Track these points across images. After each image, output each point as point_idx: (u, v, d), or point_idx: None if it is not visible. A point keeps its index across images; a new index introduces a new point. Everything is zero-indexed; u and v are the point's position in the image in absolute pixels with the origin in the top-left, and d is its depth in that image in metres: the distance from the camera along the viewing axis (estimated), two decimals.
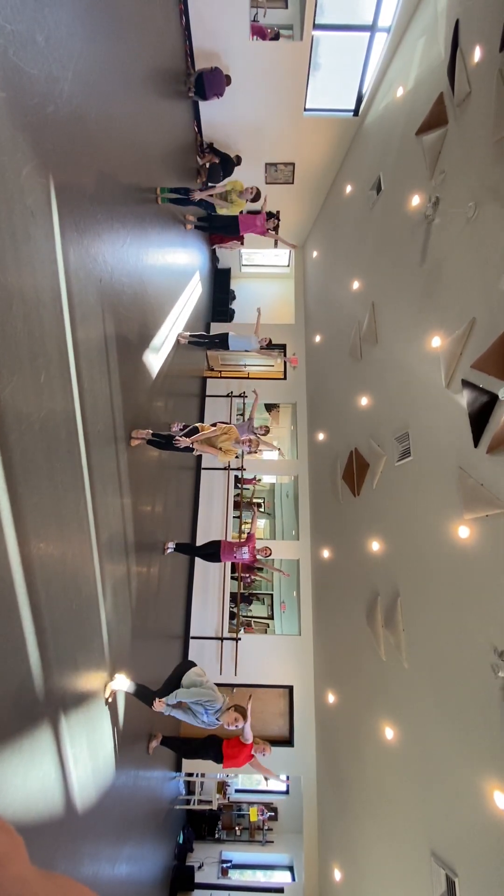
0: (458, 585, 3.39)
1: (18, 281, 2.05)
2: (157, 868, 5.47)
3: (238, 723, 3.65)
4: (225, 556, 5.50)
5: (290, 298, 10.83)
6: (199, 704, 3.66)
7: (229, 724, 3.63)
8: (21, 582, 2.12)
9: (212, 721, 3.67)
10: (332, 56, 7.04)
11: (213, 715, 3.65)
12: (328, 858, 5.85)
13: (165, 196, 5.11)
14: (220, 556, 5.53)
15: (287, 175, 8.30)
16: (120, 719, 3.73)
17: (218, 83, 6.41)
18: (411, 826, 3.75)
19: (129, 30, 3.69)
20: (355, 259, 6.58)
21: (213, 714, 3.64)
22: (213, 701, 3.67)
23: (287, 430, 11.64)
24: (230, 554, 5.47)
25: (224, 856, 8.17)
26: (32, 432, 2.21)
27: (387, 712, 4.40)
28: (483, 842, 2.90)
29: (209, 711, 3.64)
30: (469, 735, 3.13)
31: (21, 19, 1.99)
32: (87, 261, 2.90)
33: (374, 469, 5.11)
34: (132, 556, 4.11)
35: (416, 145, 4.54)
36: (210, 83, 6.36)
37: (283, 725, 7.17)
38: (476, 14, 3.66)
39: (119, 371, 3.64)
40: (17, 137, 2.01)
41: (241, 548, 5.42)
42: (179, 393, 6.59)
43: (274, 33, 6.87)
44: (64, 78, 2.45)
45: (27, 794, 2.21)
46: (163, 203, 5.11)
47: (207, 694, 3.68)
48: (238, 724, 3.65)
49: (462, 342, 3.46)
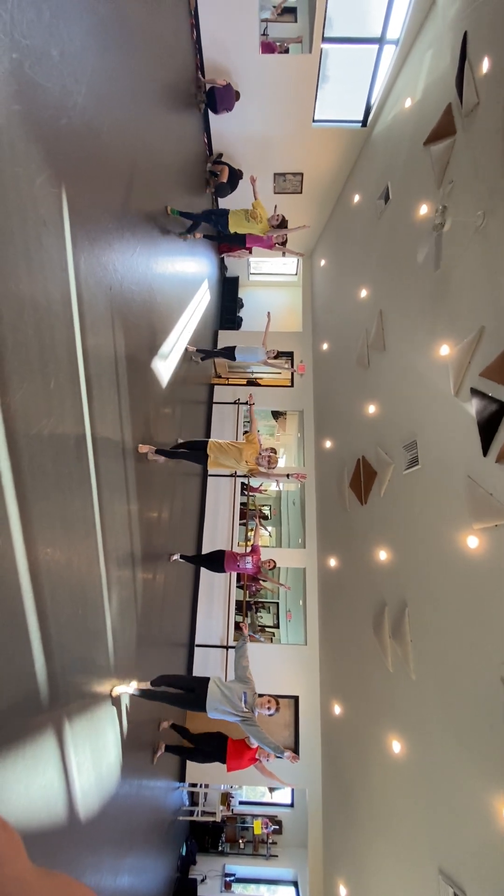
0: (467, 596, 3.34)
1: (30, 289, 2.08)
2: (160, 880, 5.39)
3: (270, 706, 3.69)
4: (228, 566, 5.45)
5: (297, 306, 10.88)
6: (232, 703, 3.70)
7: (262, 707, 3.68)
8: (28, 587, 2.13)
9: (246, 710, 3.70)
10: (341, 68, 7.12)
11: (250, 700, 3.69)
12: (333, 874, 5.73)
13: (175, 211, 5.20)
14: (224, 566, 5.48)
15: (295, 185, 8.38)
16: (124, 728, 3.71)
17: (228, 98, 6.53)
18: (418, 842, 3.68)
19: (141, 44, 3.77)
20: (363, 267, 6.60)
21: (249, 699, 3.69)
22: (247, 683, 3.77)
23: (294, 437, 11.64)
24: (234, 564, 5.42)
25: (227, 869, 8.04)
26: (41, 438, 2.23)
27: (394, 725, 4.33)
28: (492, 859, 2.84)
29: (246, 697, 3.68)
30: (478, 749, 3.07)
31: (36, 34, 2.04)
32: (97, 269, 2.93)
33: (382, 477, 5.08)
34: (138, 563, 4.10)
35: (425, 155, 4.57)
36: (221, 98, 6.48)
37: (288, 736, 7.08)
38: (484, 26, 3.69)
39: (128, 378, 3.67)
40: (31, 149, 2.05)
41: (244, 558, 5.37)
42: (187, 400, 6.61)
43: (283, 48, 6.98)
44: (77, 91, 2.50)
45: (30, 801, 2.20)
46: (172, 215, 5.18)
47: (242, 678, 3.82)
48: (271, 708, 3.69)
49: (471, 350, 3.44)
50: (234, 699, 3.68)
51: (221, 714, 3.68)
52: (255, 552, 5.39)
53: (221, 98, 6.48)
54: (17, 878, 0.45)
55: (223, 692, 3.72)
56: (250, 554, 5.37)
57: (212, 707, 3.70)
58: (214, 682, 3.80)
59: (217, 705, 3.69)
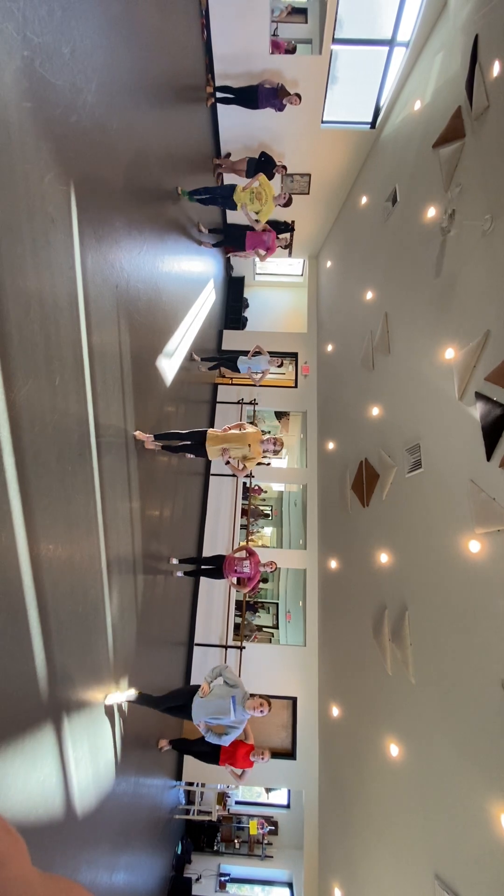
0: (468, 601, 3.33)
1: (37, 286, 2.09)
2: (155, 878, 5.40)
3: (263, 707, 3.63)
4: (227, 571, 5.40)
5: (302, 307, 10.88)
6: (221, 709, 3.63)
7: (255, 710, 3.62)
8: (29, 583, 2.13)
9: (240, 716, 3.63)
10: (351, 69, 7.11)
11: (241, 704, 3.63)
12: (328, 877, 5.73)
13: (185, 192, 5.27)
14: (224, 571, 5.43)
15: (303, 186, 8.37)
16: (122, 724, 3.71)
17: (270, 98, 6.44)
18: (415, 847, 3.67)
19: (151, 43, 3.77)
20: (369, 269, 6.59)
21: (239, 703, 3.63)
22: (235, 687, 3.71)
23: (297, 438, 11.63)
24: (232, 569, 5.37)
25: (222, 869, 8.04)
26: (45, 435, 2.24)
27: (392, 728, 4.32)
28: (489, 865, 2.83)
29: (235, 701, 3.62)
30: (476, 755, 3.06)
31: (48, 32, 2.05)
32: (104, 267, 2.94)
33: (384, 480, 5.07)
34: (139, 561, 4.11)
35: (433, 158, 4.56)
36: (265, 97, 6.41)
37: (285, 737, 7.08)
38: (496, 29, 3.68)
39: (132, 376, 3.67)
40: (41, 146, 2.06)
41: (242, 562, 5.31)
42: (191, 399, 6.62)
43: (291, 46, 6.95)
44: (87, 89, 2.51)
45: (27, 796, 2.21)
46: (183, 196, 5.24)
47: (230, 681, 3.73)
48: (263, 710, 3.63)
49: (476, 354, 3.43)
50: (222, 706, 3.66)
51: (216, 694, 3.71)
52: (253, 555, 5.34)
53: (265, 97, 6.39)
54: (19, 879, 0.45)
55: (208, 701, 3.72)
56: (247, 557, 5.31)
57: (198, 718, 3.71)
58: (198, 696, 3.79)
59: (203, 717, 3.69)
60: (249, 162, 6.97)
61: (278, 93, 6.38)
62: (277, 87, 6.39)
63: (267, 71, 6.61)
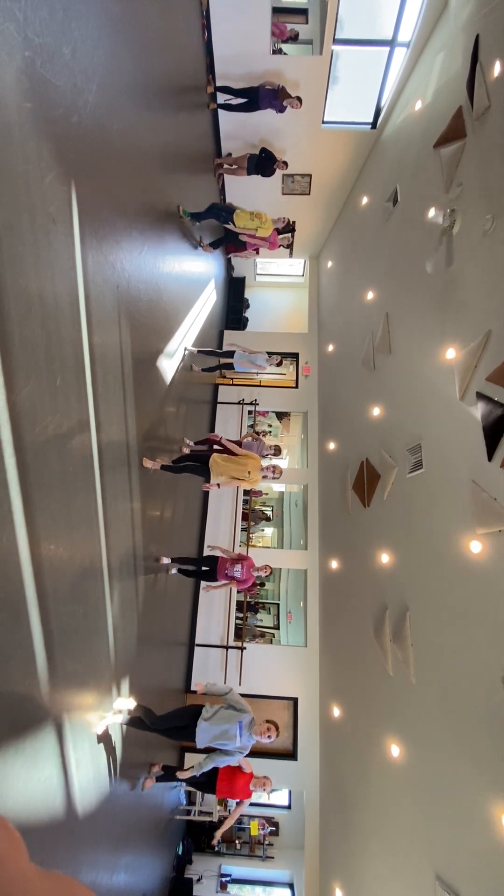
0: (469, 601, 3.33)
1: (38, 286, 2.09)
2: (156, 879, 5.39)
3: (270, 733, 3.45)
4: (220, 573, 5.37)
5: (303, 308, 10.87)
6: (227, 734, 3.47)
7: (262, 735, 3.45)
8: (31, 584, 2.13)
9: (245, 742, 3.48)
10: (351, 70, 7.10)
11: (248, 729, 3.48)
12: (329, 877, 5.72)
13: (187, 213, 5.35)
14: (216, 573, 5.40)
15: (304, 186, 8.37)
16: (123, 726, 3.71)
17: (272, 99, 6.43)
18: (416, 847, 3.66)
19: (152, 43, 3.78)
20: (370, 269, 6.59)
21: (246, 728, 3.47)
22: (243, 712, 3.52)
23: (297, 438, 11.63)
24: (223, 572, 5.33)
25: (223, 869, 8.03)
26: (46, 435, 2.24)
27: (393, 729, 4.32)
28: (490, 866, 2.82)
29: (242, 726, 3.46)
30: (477, 755, 3.06)
31: (49, 32, 2.05)
32: (105, 267, 2.94)
33: (385, 480, 5.07)
34: (140, 562, 4.11)
35: (434, 158, 4.56)
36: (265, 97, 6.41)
37: (286, 738, 7.07)
38: (497, 29, 3.68)
39: (133, 377, 3.67)
40: (42, 146, 2.06)
41: (234, 565, 5.27)
42: (191, 400, 6.62)
43: (293, 33, 6.90)
44: (88, 89, 2.51)
45: (28, 796, 2.20)
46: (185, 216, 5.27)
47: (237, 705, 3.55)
48: (271, 735, 3.45)
49: (477, 354, 3.43)
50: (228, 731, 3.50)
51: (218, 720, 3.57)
52: (246, 558, 5.30)
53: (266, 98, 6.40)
54: (19, 876, 0.45)
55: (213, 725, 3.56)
56: (239, 560, 5.27)
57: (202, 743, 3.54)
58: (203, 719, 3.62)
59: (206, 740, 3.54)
60: (250, 159, 6.99)
61: (279, 94, 6.38)
62: (278, 88, 6.39)
63: (268, 72, 6.61)
